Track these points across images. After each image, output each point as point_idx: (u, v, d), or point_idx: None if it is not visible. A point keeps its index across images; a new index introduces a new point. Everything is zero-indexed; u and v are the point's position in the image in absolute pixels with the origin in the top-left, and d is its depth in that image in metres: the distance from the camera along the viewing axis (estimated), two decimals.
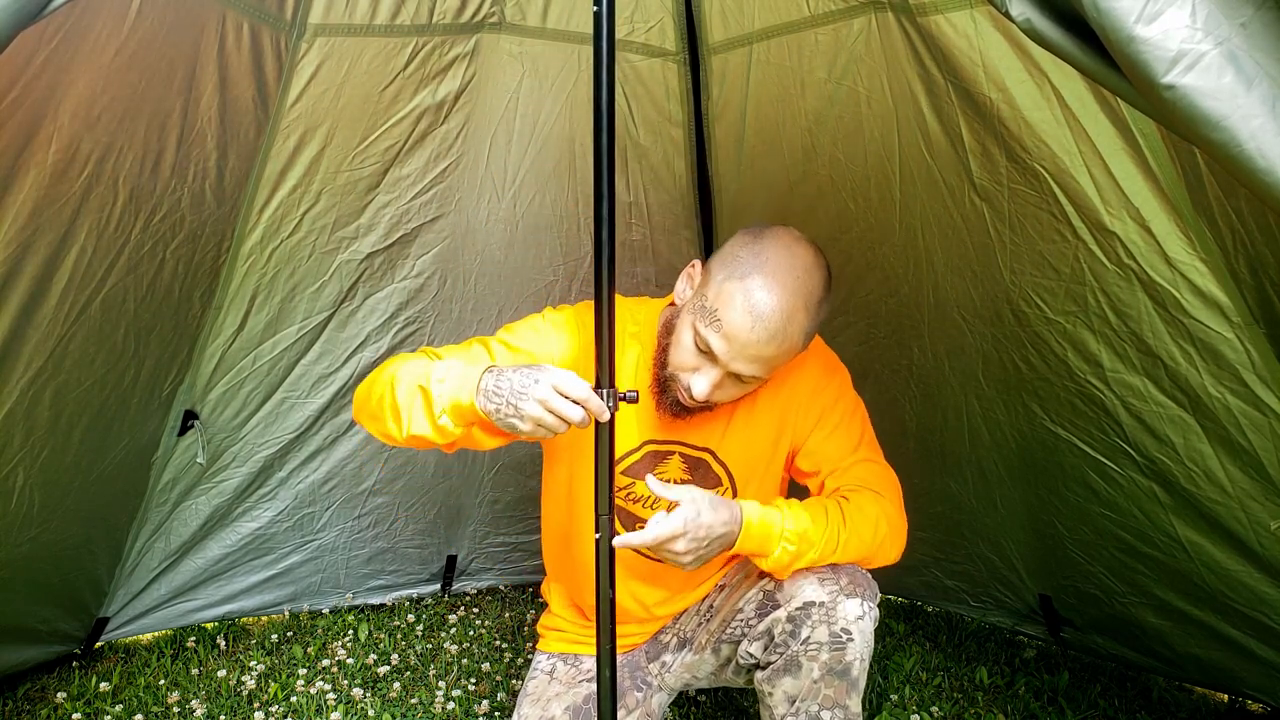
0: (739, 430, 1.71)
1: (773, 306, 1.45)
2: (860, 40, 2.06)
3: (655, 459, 1.72)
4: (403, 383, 1.49)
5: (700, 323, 1.51)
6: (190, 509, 2.49)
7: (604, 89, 1.28)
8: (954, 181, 2.02)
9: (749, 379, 1.54)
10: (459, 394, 1.42)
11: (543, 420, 1.34)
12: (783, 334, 1.47)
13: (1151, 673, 2.39)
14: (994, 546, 2.51)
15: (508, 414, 1.37)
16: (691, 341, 1.53)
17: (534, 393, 1.34)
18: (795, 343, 1.50)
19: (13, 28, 1.00)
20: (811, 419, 1.70)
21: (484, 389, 1.40)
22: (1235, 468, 1.82)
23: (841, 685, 1.51)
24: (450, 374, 1.45)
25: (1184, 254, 1.68)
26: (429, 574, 2.98)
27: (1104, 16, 0.92)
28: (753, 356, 1.48)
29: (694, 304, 1.55)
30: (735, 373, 1.51)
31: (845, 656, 1.50)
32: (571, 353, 1.66)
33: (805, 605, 1.52)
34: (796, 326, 1.48)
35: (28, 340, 1.76)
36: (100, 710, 2.17)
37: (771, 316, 1.45)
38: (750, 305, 1.46)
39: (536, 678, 1.84)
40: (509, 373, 1.40)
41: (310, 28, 2.06)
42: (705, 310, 1.51)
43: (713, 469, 1.73)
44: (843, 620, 1.51)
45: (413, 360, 1.57)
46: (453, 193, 2.50)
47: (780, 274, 1.48)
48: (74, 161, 1.66)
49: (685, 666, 1.80)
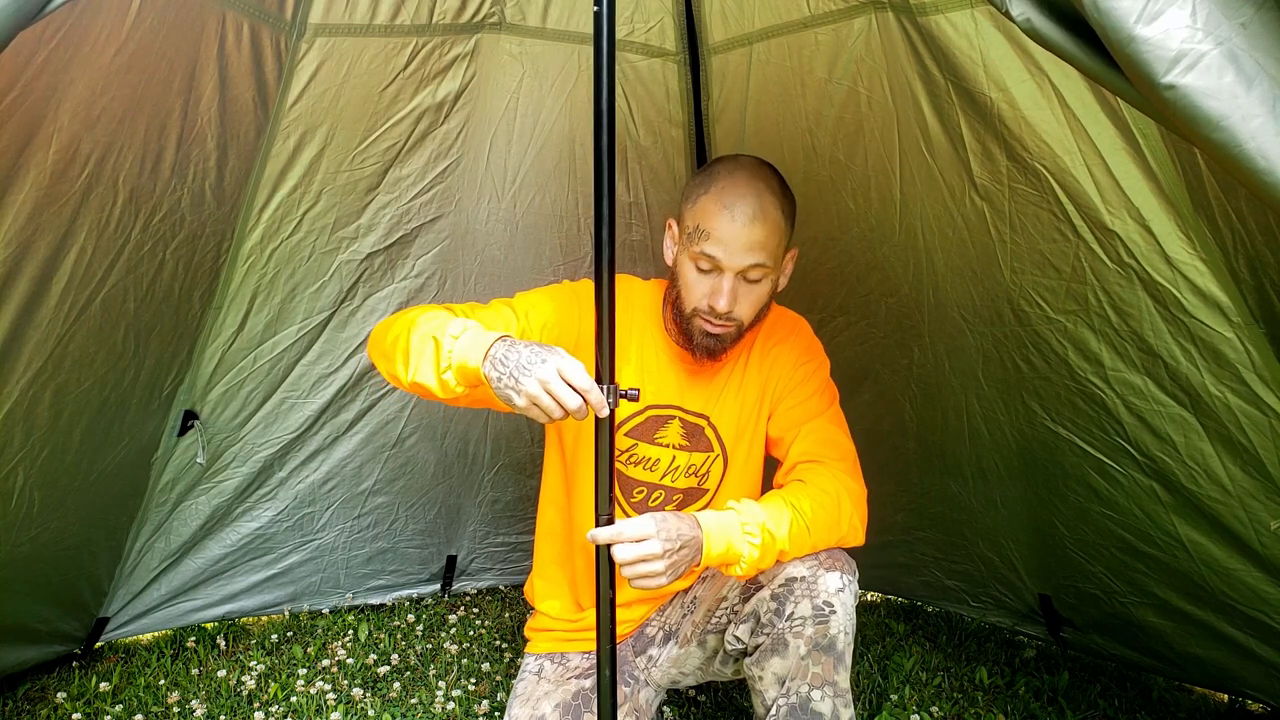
0: (731, 398, 1.80)
1: (743, 192, 1.61)
2: (860, 40, 2.06)
3: (657, 423, 1.78)
4: (419, 329, 1.50)
5: (694, 246, 1.63)
6: (190, 509, 2.49)
7: (604, 89, 1.28)
8: (954, 181, 2.02)
9: (755, 275, 1.63)
10: (468, 355, 1.42)
11: (538, 399, 1.34)
12: (762, 214, 1.60)
13: (1151, 673, 2.39)
14: (994, 546, 2.51)
15: (507, 384, 1.37)
16: (694, 269, 1.65)
17: (537, 371, 1.35)
18: (777, 223, 1.62)
19: (13, 28, 1.00)
20: (789, 386, 1.79)
21: (493, 355, 1.40)
22: (1236, 467, 1.82)
23: (828, 661, 1.53)
24: (466, 334, 1.45)
25: (1184, 253, 1.69)
26: (429, 574, 2.98)
27: (1104, 16, 0.92)
28: (746, 244, 1.60)
29: (682, 243, 1.68)
30: (742, 272, 1.62)
31: (829, 630, 1.53)
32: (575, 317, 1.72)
33: (788, 581, 1.56)
34: (770, 205, 1.62)
35: (28, 340, 1.76)
36: (100, 710, 2.17)
37: (746, 200, 1.60)
38: (725, 202, 1.60)
39: (525, 679, 1.85)
40: (520, 345, 1.40)
41: (310, 28, 2.06)
42: (692, 235, 1.64)
43: (706, 434, 1.80)
44: (824, 593, 1.54)
45: (435, 311, 1.58)
46: (453, 193, 2.50)
47: (735, 173, 1.65)
48: (74, 161, 1.66)
49: (672, 661, 1.82)
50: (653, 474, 1.80)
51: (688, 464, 1.80)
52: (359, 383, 2.59)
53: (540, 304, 1.73)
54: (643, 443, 1.78)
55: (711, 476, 1.82)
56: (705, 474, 1.81)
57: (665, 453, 1.79)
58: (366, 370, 2.57)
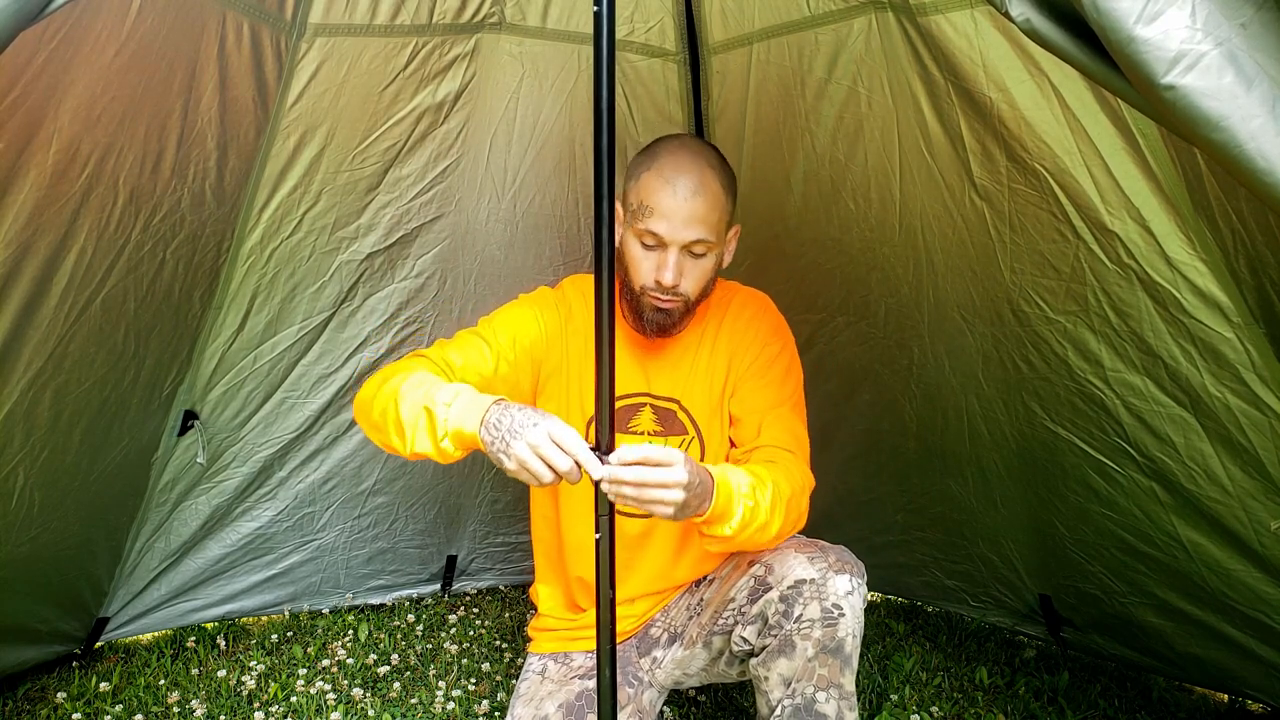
0: (700, 378, 1.81)
1: (684, 167, 1.62)
2: (860, 40, 2.06)
3: (628, 413, 1.79)
4: (407, 400, 1.50)
5: (637, 223, 1.65)
6: (190, 509, 2.49)
7: (604, 89, 1.28)
8: (954, 181, 2.02)
9: (699, 249, 1.64)
10: (464, 422, 1.44)
11: (527, 463, 1.36)
12: (703, 188, 1.62)
13: (1151, 673, 2.39)
14: (994, 546, 2.51)
15: (499, 448, 1.40)
16: (639, 245, 1.66)
17: (528, 435, 1.37)
18: (718, 197, 1.64)
19: (13, 28, 1.00)
20: (749, 364, 1.80)
21: (487, 421, 1.43)
22: (1236, 467, 1.82)
23: (835, 663, 1.53)
24: (458, 400, 1.47)
25: (1184, 254, 1.68)
26: (429, 574, 2.98)
27: (1104, 17, 0.92)
28: (688, 218, 1.61)
29: (626, 222, 1.70)
30: (687, 247, 1.63)
31: (837, 633, 1.53)
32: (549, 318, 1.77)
33: (797, 583, 1.56)
34: (711, 179, 1.63)
35: (28, 341, 1.76)
36: (100, 710, 2.17)
37: (687, 174, 1.61)
38: (665, 177, 1.62)
39: (528, 679, 1.85)
40: (514, 409, 1.42)
41: (310, 28, 2.06)
42: (636, 212, 1.65)
43: (679, 418, 1.80)
44: (833, 595, 1.54)
45: (415, 374, 1.57)
46: (453, 193, 2.50)
47: (676, 150, 1.66)
48: (74, 162, 1.66)
49: (676, 663, 1.82)
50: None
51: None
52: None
53: (506, 323, 1.76)
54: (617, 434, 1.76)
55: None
56: None
57: (641, 440, 1.78)
58: (366, 370, 2.57)
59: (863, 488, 2.69)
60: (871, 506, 2.71)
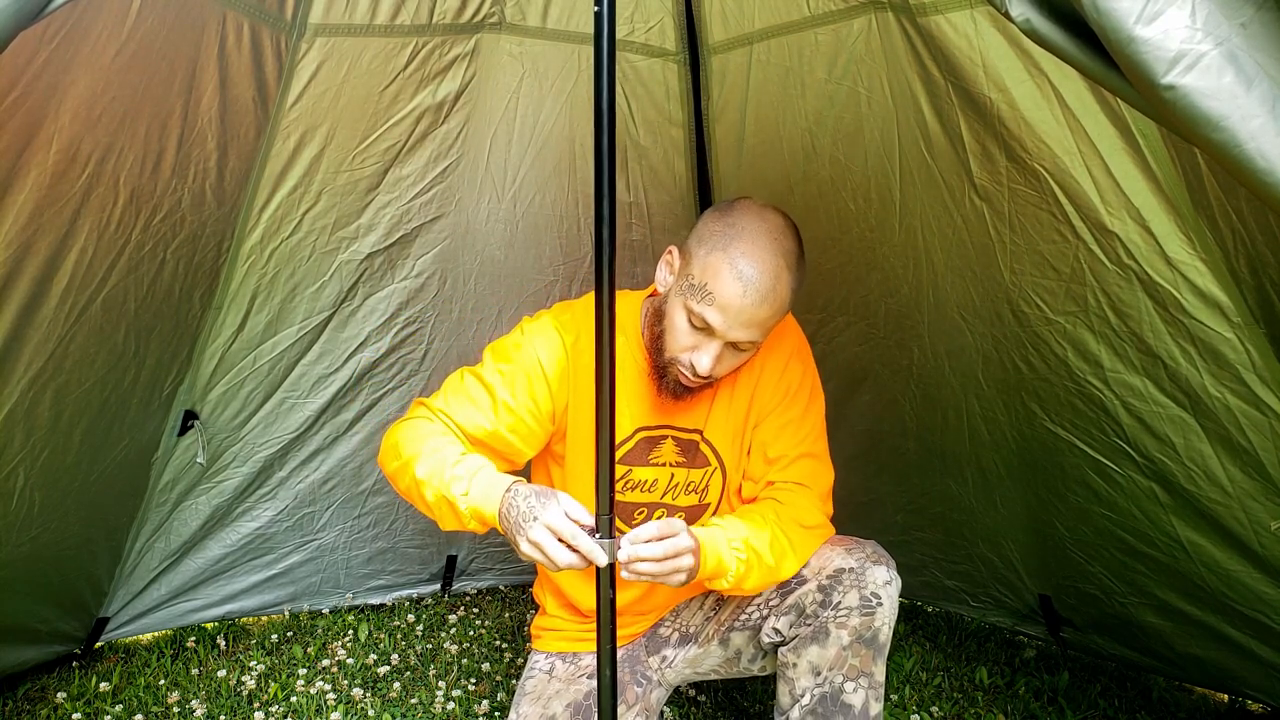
0: (721, 410, 1.76)
1: (759, 269, 1.50)
2: (860, 40, 2.06)
3: (649, 445, 1.75)
4: (429, 487, 1.52)
5: (692, 301, 1.55)
6: (190, 509, 2.49)
7: (604, 89, 1.28)
8: (954, 181, 2.02)
9: (746, 346, 1.58)
10: (482, 507, 1.46)
11: (535, 558, 1.38)
12: (773, 294, 1.52)
13: (1151, 673, 2.39)
14: (994, 546, 2.51)
15: (513, 538, 1.42)
16: (686, 322, 1.57)
17: (529, 533, 1.38)
18: (784, 301, 1.55)
19: (13, 28, 1.00)
20: (774, 399, 1.75)
21: (501, 513, 1.45)
22: (1235, 467, 1.82)
23: (868, 653, 1.55)
24: (474, 486, 1.48)
25: (1184, 254, 1.68)
26: (429, 574, 2.98)
27: (1104, 17, 0.92)
28: (748, 321, 1.52)
29: (680, 286, 1.59)
30: (733, 342, 1.56)
31: (874, 622, 1.54)
32: (559, 360, 1.68)
33: (836, 572, 1.57)
34: (784, 285, 1.53)
35: (28, 341, 1.76)
36: (100, 710, 2.17)
37: (760, 279, 1.50)
38: (738, 272, 1.50)
39: (535, 676, 1.84)
40: (519, 499, 1.43)
41: (310, 28, 2.06)
42: (694, 288, 1.55)
43: (702, 450, 1.77)
44: (872, 585, 1.55)
45: (427, 451, 1.55)
46: (453, 193, 2.50)
47: (759, 238, 1.53)
48: (75, 162, 1.66)
49: (688, 661, 1.81)
50: (652, 494, 1.77)
51: (686, 480, 1.77)
52: (359, 383, 2.59)
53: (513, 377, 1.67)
54: (636, 467, 1.74)
55: (711, 490, 1.79)
56: (705, 489, 1.79)
57: (663, 472, 1.76)
58: (366, 370, 2.58)
59: (863, 488, 2.69)
60: (871, 506, 2.71)
